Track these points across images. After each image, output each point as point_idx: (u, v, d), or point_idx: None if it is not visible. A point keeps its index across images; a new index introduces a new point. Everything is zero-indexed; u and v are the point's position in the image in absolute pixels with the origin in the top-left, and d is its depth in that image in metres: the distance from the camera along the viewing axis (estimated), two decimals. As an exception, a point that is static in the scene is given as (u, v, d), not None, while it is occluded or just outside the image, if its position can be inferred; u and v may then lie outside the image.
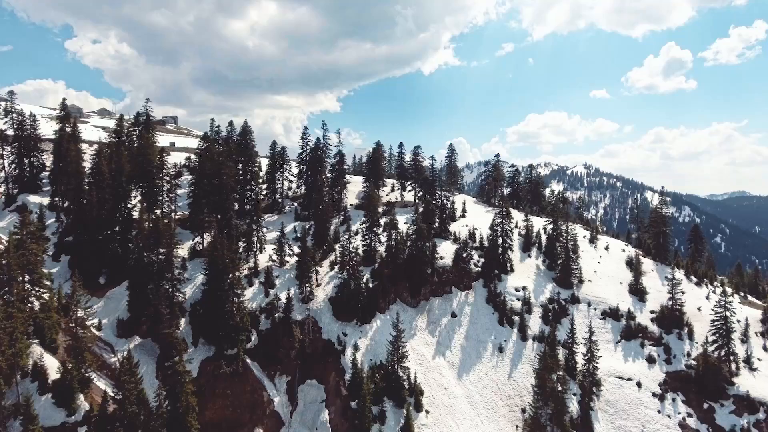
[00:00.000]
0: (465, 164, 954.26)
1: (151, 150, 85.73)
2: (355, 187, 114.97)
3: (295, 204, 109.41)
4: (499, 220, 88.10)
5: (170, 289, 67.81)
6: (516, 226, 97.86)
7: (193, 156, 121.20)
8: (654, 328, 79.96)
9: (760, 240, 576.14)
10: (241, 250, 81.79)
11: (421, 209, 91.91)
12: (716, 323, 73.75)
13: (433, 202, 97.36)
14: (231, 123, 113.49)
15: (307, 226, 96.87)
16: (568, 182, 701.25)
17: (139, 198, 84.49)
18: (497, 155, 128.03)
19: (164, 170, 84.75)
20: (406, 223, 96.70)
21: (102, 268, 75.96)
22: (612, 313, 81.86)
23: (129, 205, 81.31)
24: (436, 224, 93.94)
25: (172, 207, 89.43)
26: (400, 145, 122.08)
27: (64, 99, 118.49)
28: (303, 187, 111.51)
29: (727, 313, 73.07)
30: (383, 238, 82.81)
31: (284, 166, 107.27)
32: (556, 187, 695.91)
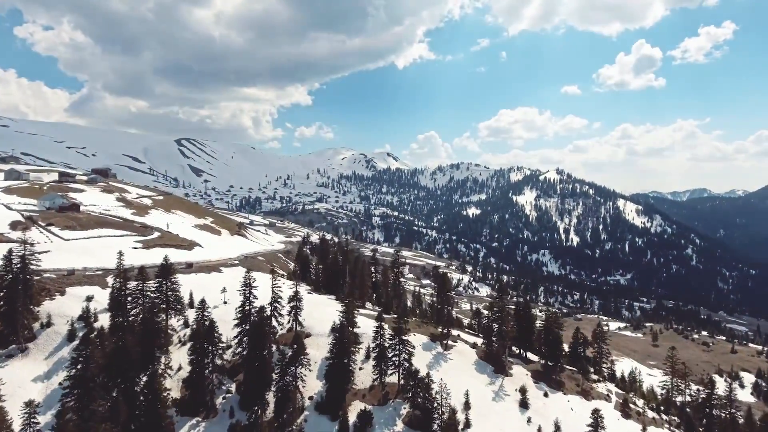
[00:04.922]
0: (437, 166, 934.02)
1: None
2: (318, 350, 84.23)
3: (232, 389, 78.40)
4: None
5: None
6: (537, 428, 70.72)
7: (98, 292, 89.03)
8: None
9: (729, 252, 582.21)
10: None
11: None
12: None
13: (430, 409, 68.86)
14: (142, 269, 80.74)
15: (244, 459, 66.85)
16: (541, 189, 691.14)
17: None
18: (499, 287, 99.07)
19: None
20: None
21: None
22: None
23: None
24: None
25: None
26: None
27: None
28: (245, 350, 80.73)
29: None
30: None
31: (215, 349, 75.56)
32: (530, 194, 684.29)
